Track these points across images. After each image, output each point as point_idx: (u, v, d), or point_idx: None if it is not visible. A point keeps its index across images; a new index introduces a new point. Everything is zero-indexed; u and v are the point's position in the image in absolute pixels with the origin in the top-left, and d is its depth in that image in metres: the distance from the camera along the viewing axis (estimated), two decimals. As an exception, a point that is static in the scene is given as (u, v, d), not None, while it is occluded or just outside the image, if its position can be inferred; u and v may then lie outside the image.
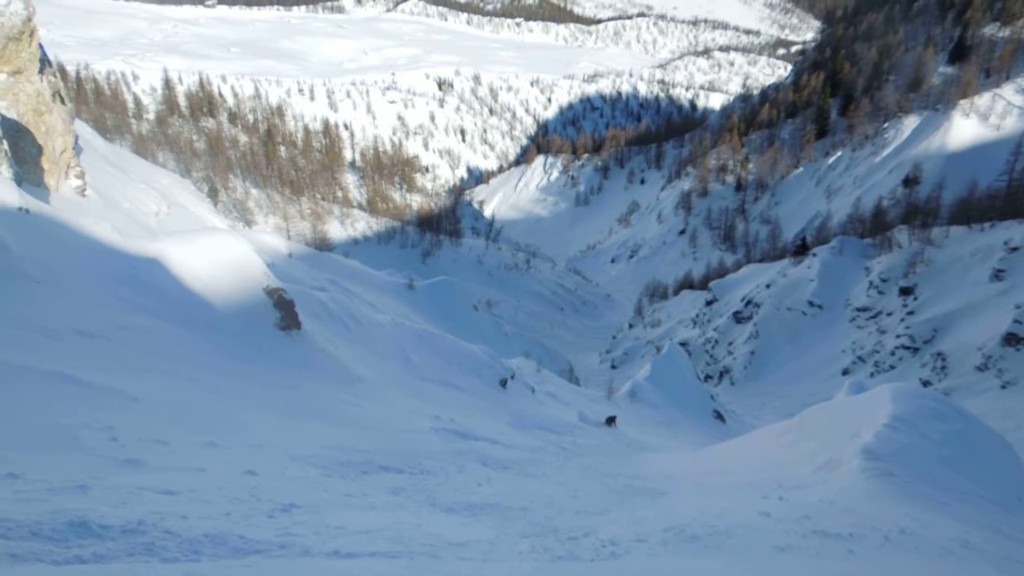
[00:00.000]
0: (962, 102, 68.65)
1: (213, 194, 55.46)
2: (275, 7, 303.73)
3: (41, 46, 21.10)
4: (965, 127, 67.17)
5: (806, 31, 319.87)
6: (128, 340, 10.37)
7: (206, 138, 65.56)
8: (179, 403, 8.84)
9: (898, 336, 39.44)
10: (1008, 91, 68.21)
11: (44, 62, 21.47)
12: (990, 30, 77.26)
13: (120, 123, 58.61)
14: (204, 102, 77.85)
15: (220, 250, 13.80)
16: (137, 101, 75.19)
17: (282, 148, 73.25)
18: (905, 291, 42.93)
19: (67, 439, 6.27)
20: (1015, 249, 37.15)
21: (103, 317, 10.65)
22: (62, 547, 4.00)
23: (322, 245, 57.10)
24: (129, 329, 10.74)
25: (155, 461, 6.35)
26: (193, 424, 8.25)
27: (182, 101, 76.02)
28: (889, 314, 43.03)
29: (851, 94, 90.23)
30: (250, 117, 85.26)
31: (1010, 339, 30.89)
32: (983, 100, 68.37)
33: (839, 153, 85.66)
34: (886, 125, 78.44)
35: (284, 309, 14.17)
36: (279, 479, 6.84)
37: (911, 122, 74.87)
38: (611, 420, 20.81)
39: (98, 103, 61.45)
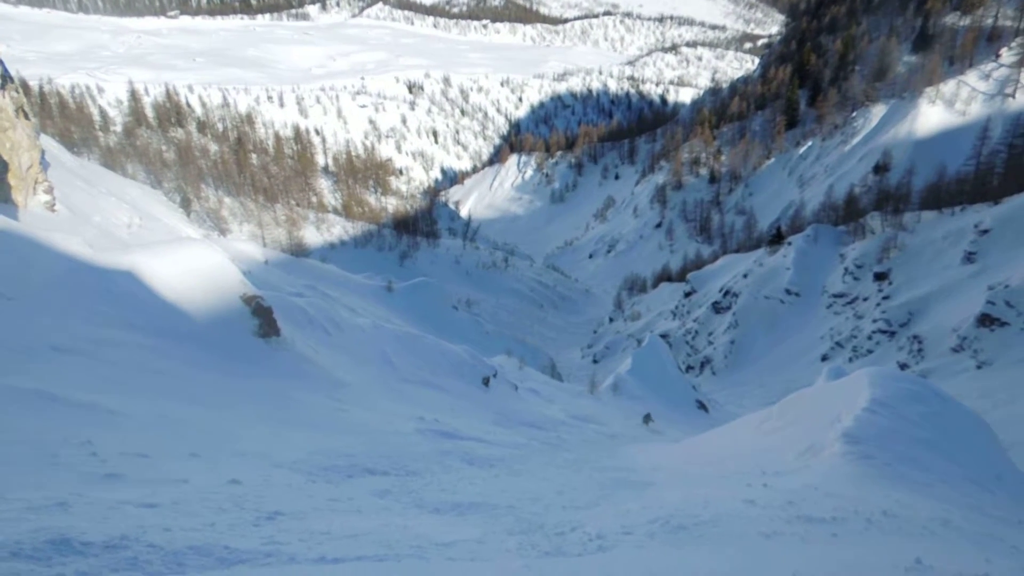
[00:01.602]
0: (927, 90, 69.77)
1: (185, 204, 54.90)
2: (239, 16, 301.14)
3: (1, 62, 20.77)
4: (932, 114, 68.24)
5: (771, 25, 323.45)
6: (104, 354, 10.23)
7: (175, 148, 64.79)
8: (159, 415, 8.72)
9: (874, 321, 39.89)
10: (972, 78, 69.36)
11: (5, 78, 21.13)
12: (951, 19, 78.55)
13: (87, 136, 57.74)
14: (172, 112, 76.91)
15: (194, 260, 13.65)
16: (103, 114, 74.13)
17: (253, 156, 72.53)
18: (880, 276, 43.44)
19: (45, 456, 6.16)
20: (985, 232, 37.70)
21: (78, 332, 10.49)
22: (44, 566, 3.93)
23: (298, 251, 56.76)
24: (105, 343, 10.60)
25: (136, 474, 6.26)
26: (174, 436, 8.16)
27: (149, 112, 75.04)
28: (865, 299, 43.53)
29: (819, 85, 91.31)
30: (219, 126, 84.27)
31: (984, 320, 31.31)
32: (948, 87, 69.50)
33: (809, 143, 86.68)
34: (854, 114, 79.50)
35: (262, 316, 14.04)
36: (263, 487, 6.77)
37: (879, 110, 75.94)
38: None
39: (63, 117, 60.52)
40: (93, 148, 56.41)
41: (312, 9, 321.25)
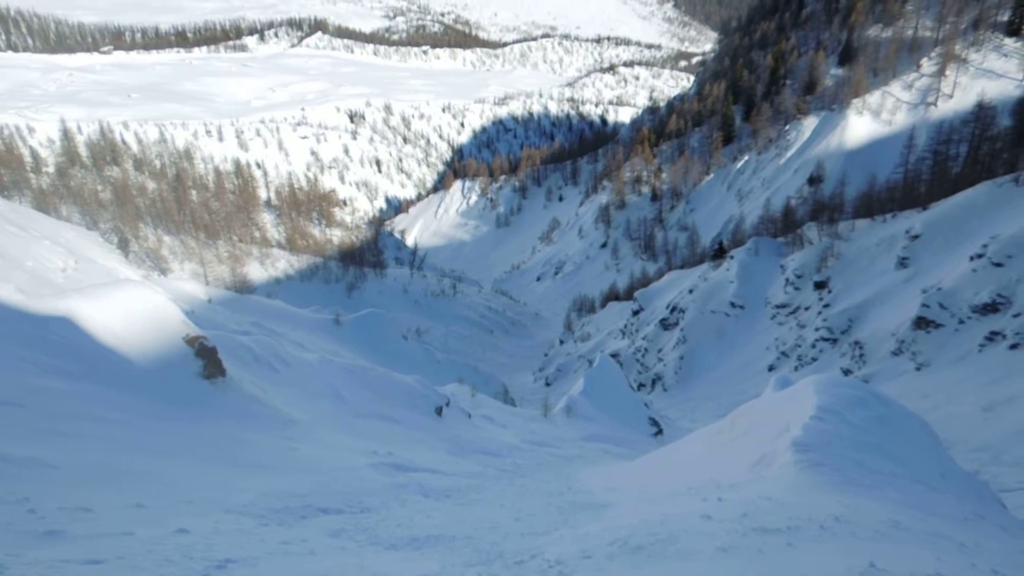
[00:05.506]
0: (855, 101, 72.36)
1: (123, 245, 53.61)
2: (175, 49, 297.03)
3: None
4: (860, 124, 70.69)
5: (705, 42, 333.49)
6: (41, 405, 9.86)
7: (112, 188, 63.32)
8: (101, 466, 8.43)
9: (817, 329, 40.76)
10: (896, 88, 72.13)
11: (-72, 121, 20.46)
12: (874, 31, 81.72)
13: (18, 179, 56.14)
14: (107, 151, 75.21)
15: (133, 302, 13.28)
16: (35, 155, 72.09)
17: (193, 192, 71.30)
18: (819, 285, 44.54)
19: (-22, 517, 5.91)
20: (916, 237, 38.96)
21: (11, 382, 10.10)
22: (-22, 635, 3.77)
23: (243, 288, 55.80)
24: (41, 393, 10.22)
25: (78, 530, 6.03)
26: (118, 486, 7.89)
27: (83, 151, 73.21)
28: (807, 308, 44.51)
29: (752, 100, 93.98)
30: (157, 163, 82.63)
31: (920, 323, 32.23)
32: (874, 98, 72.17)
33: (746, 157, 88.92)
34: (787, 127, 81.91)
35: (207, 357, 13.70)
36: (213, 534, 6.59)
37: (810, 123, 78.42)
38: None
39: (-8, 159, 58.81)
40: (24, 190, 54.89)
41: (250, 40, 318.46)
